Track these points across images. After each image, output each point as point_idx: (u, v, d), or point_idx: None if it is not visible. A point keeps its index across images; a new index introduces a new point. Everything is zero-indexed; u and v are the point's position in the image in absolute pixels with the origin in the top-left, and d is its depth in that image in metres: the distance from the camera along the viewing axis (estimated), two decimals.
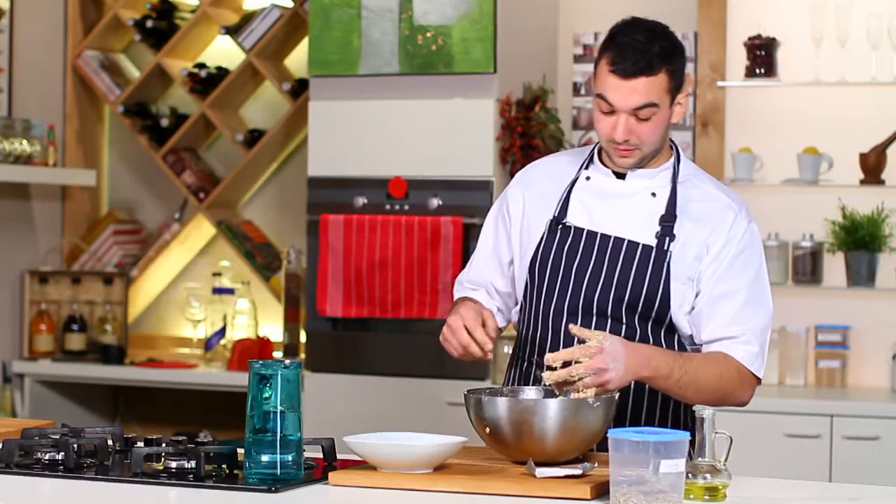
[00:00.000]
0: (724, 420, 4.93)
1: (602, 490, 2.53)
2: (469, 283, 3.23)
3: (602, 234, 3.00)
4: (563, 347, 2.94)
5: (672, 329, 2.99)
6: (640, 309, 2.96)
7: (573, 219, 3.03)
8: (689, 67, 5.19)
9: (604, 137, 2.97)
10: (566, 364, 2.76)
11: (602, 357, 2.75)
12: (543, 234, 3.05)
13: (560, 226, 3.04)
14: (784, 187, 5.09)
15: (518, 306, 3.13)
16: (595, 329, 2.92)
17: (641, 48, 2.89)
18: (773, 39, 5.07)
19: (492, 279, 3.17)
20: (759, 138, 5.17)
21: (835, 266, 5.07)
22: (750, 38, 5.08)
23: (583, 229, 3.01)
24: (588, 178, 3.06)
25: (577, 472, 2.60)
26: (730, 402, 2.96)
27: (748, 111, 5.21)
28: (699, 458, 2.57)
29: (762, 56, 5.05)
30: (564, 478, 2.58)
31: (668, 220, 2.97)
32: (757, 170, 5.10)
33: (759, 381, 2.99)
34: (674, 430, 2.57)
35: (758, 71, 5.07)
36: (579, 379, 2.73)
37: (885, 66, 4.98)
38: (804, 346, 5.08)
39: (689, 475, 2.53)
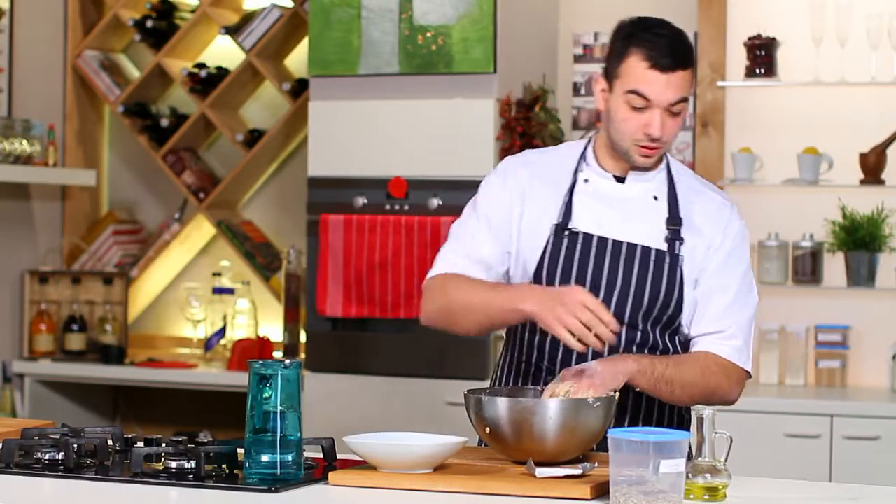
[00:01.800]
0: (723, 420, 4.93)
1: (602, 490, 2.53)
2: (466, 258, 3.05)
3: (614, 240, 2.97)
4: (576, 352, 2.91)
5: (676, 333, 3.01)
6: (654, 314, 2.97)
7: (579, 224, 2.99)
8: None
9: (631, 135, 2.92)
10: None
11: (570, 369, 2.81)
12: (549, 239, 2.99)
13: (566, 231, 2.99)
14: (784, 187, 5.09)
15: None
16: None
17: (676, 41, 2.90)
18: (773, 39, 5.07)
19: (491, 260, 3.02)
20: (759, 138, 5.17)
21: (835, 266, 5.07)
22: (750, 38, 5.08)
23: (592, 235, 2.98)
24: (586, 180, 3.03)
25: (577, 472, 2.60)
26: (717, 399, 2.95)
27: (748, 111, 5.21)
28: (699, 459, 2.57)
29: (762, 56, 5.05)
30: (564, 478, 2.58)
31: (674, 224, 2.98)
32: (757, 170, 5.10)
33: (748, 375, 3.00)
34: (674, 429, 2.57)
35: (758, 71, 5.07)
36: (567, 393, 2.75)
37: (885, 66, 4.98)
38: (804, 346, 5.08)
39: (689, 475, 2.53)
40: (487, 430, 2.73)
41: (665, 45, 2.88)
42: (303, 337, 5.33)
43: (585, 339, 2.75)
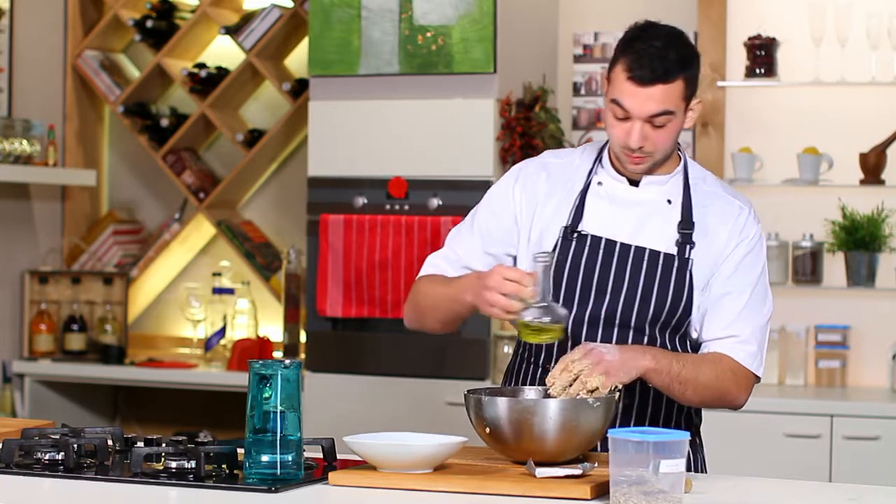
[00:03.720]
0: (724, 419, 4.93)
1: (602, 490, 2.53)
2: (450, 263, 3.08)
3: (622, 244, 2.96)
4: None
5: (685, 336, 3.00)
6: (662, 318, 2.96)
7: (589, 226, 2.98)
8: None
9: (617, 143, 2.92)
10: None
11: (591, 346, 2.78)
12: (557, 241, 2.99)
13: (576, 234, 2.98)
14: (784, 187, 5.09)
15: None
16: (616, 339, 2.94)
17: (659, 55, 2.84)
18: (773, 39, 5.07)
19: (479, 267, 3.04)
20: (759, 138, 5.17)
21: (835, 266, 5.07)
22: (750, 38, 5.09)
23: (601, 238, 2.97)
24: (600, 182, 3.01)
25: (577, 472, 2.60)
26: (726, 402, 2.95)
27: (748, 111, 5.21)
28: (534, 301, 2.74)
29: (762, 56, 5.05)
30: (564, 478, 2.58)
31: (686, 228, 2.96)
32: (757, 170, 5.10)
33: (757, 379, 2.99)
34: (674, 430, 2.57)
35: (758, 71, 5.07)
36: (580, 373, 2.74)
37: (885, 66, 4.98)
38: (804, 346, 5.08)
39: (528, 319, 2.74)
40: (487, 430, 2.73)
41: (647, 57, 2.84)
42: (303, 337, 5.33)
43: (510, 309, 2.77)
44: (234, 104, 5.86)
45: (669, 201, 2.98)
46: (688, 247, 2.95)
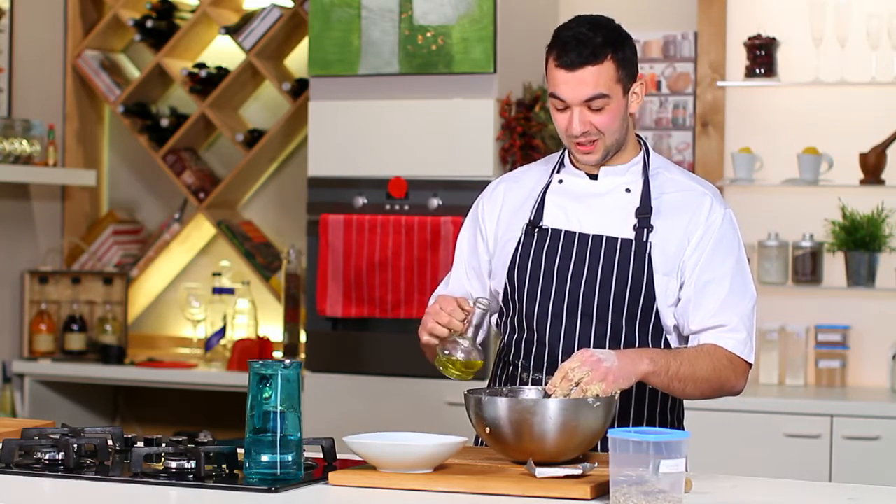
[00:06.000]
0: (724, 420, 4.93)
1: (602, 490, 2.53)
2: (442, 288, 3.23)
3: (580, 234, 3.00)
4: (549, 350, 2.98)
5: (658, 329, 2.99)
6: (625, 306, 2.96)
7: (549, 221, 3.04)
8: (689, 67, 5.23)
9: (563, 135, 2.98)
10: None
11: (590, 353, 2.77)
12: (520, 238, 3.05)
13: (536, 229, 3.04)
14: (784, 187, 5.09)
15: (497, 313, 3.13)
16: (580, 331, 2.96)
17: (584, 39, 2.92)
18: (773, 39, 5.07)
19: (472, 291, 3.15)
20: (759, 138, 5.17)
21: (835, 266, 5.07)
22: (750, 38, 5.09)
23: (560, 230, 3.02)
24: (560, 181, 3.07)
25: (577, 472, 2.60)
26: (726, 391, 2.97)
27: (748, 111, 5.21)
28: (464, 339, 2.87)
29: (762, 56, 5.06)
30: (564, 478, 2.58)
31: (644, 212, 2.98)
32: (757, 170, 5.10)
33: (750, 366, 3.00)
34: (673, 429, 2.57)
35: (758, 71, 5.07)
36: (580, 381, 2.74)
37: (885, 66, 4.98)
38: (804, 346, 5.08)
39: (448, 352, 2.86)
40: (487, 430, 2.73)
41: (573, 42, 2.92)
42: (303, 337, 5.33)
43: (433, 332, 2.91)
44: (234, 104, 5.86)
45: (628, 190, 3.02)
46: (645, 230, 2.97)
